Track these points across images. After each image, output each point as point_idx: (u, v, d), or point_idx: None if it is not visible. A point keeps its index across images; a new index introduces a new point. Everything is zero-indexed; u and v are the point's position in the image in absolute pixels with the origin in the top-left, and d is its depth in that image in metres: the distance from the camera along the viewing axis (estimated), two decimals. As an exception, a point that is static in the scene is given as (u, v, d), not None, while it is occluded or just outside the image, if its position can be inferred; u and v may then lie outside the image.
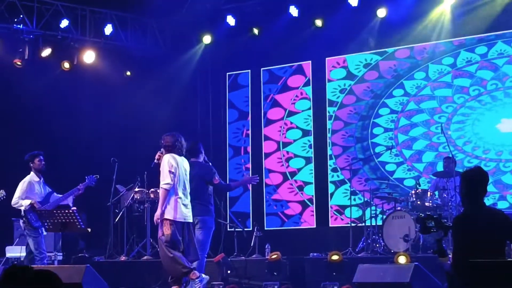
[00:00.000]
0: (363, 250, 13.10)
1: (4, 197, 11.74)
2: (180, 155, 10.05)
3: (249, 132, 16.61)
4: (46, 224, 10.36)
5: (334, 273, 11.95)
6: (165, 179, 9.82)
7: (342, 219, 15.10)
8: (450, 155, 12.94)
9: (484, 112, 14.41)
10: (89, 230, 10.84)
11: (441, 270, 6.46)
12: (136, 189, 14.77)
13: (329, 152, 15.69)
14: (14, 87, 15.34)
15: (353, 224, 13.78)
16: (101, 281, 9.24)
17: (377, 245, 12.90)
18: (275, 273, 12.35)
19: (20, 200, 11.01)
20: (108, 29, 15.65)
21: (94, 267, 10.45)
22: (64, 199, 11.55)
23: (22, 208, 10.89)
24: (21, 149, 16.13)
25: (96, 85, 16.04)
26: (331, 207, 15.44)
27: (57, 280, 4.43)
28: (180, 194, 9.88)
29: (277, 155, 16.22)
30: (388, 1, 14.76)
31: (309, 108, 16.04)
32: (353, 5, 14.79)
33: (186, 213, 9.96)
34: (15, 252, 13.35)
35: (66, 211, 9.93)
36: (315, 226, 15.63)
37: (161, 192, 9.88)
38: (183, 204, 9.91)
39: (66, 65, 15.69)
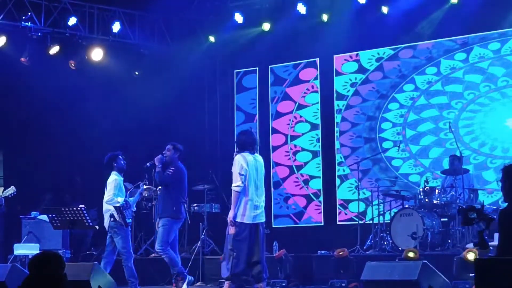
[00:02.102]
0: (371, 247, 13.11)
1: (15, 193, 11.77)
2: (252, 152, 10.04)
3: (257, 131, 16.55)
4: (54, 221, 10.37)
5: (341, 271, 11.95)
6: (235, 181, 9.92)
7: (346, 214, 15.06)
8: (458, 153, 12.91)
9: (489, 113, 14.36)
10: (97, 227, 10.84)
11: None
12: (144, 187, 14.78)
13: (337, 157, 15.67)
14: (22, 85, 15.37)
15: (360, 222, 13.78)
16: (109, 278, 9.25)
17: (385, 243, 12.90)
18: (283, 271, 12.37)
19: (115, 197, 11.05)
20: (116, 27, 15.66)
21: (102, 264, 10.48)
22: (135, 201, 11.67)
23: (118, 205, 10.94)
24: (27, 146, 16.24)
25: (104, 82, 16.05)
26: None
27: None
28: (250, 195, 9.91)
29: (285, 149, 16.20)
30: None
31: (317, 103, 16.01)
32: (361, 2, 14.80)
33: (256, 214, 9.98)
34: (23, 249, 13.39)
35: (74, 208, 9.95)
36: (322, 224, 15.61)
37: (232, 194, 9.97)
38: (254, 205, 9.93)
39: (73, 64, 15.70)
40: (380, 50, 15.48)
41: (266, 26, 15.86)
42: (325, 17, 15.36)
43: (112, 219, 10.87)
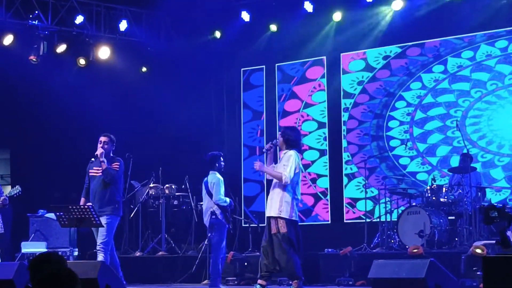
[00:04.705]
0: (378, 245, 13.09)
1: (20, 193, 11.78)
2: (300, 152, 9.98)
3: (264, 129, 16.54)
4: (62, 219, 10.37)
5: (347, 269, 12.00)
6: (290, 173, 9.65)
7: (354, 212, 14.99)
8: (465, 151, 12.89)
9: (497, 110, 14.33)
10: (104, 225, 10.83)
11: None
12: (151, 185, 14.82)
13: (344, 156, 15.64)
14: (29, 83, 15.40)
15: (368, 220, 13.77)
16: (116, 276, 9.25)
17: (392, 241, 12.89)
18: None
19: (223, 197, 11.14)
20: (123, 25, 15.70)
21: (110, 262, 10.49)
22: None
23: (225, 204, 11.04)
24: (34, 145, 16.27)
25: (111, 80, 16.08)
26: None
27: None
28: (298, 194, 9.85)
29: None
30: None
31: (324, 101, 15.98)
32: (368, 0, 14.79)
33: (298, 213, 9.96)
34: (30, 247, 13.41)
35: (82, 206, 9.95)
36: (329, 222, 15.59)
37: (278, 174, 9.70)
38: (297, 204, 9.89)
39: (82, 61, 15.76)
40: (387, 48, 15.45)
41: (273, 27, 15.87)
42: (333, 16, 15.34)
43: (213, 217, 11.08)
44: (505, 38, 14.36)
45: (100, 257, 10.18)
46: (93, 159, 10.77)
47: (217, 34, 16.41)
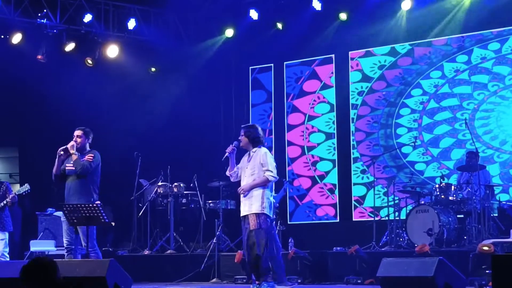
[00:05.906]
0: (386, 244, 13.07)
1: (29, 191, 11.80)
2: (264, 147, 10.02)
3: (272, 137, 16.43)
4: (70, 217, 10.40)
5: (354, 267, 12.01)
6: (273, 171, 9.78)
7: (377, 219, 14.96)
8: (474, 150, 12.86)
9: (505, 110, 14.30)
10: (113, 224, 10.85)
11: None
12: (160, 183, 14.82)
13: (352, 151, 15.62)
14: (37, 82, 15.41)
15: (376, 218, 13.74)
16: (125, 275, 9.24)
17: (401, 239, 12.86)
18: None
19: None
20: (131, 24, 15.70)
21: (118, 261, 10.47)
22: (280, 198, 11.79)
23: None
24: (42, 143, 16.28)
25: (119, 79, 16.09)
26: (365, 209, 15.28)
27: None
28: (273, 190, 9.86)
29: (303, 160, 16.16)
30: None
31: (328, 112, 15.95)
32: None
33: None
34: (39, 246, 13.43)
35: (90, 205, 9.95)
36: (338, 220, 15.57)
37: (263, 179, 9.75)
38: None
39: (90, 61, 15.77)
40: (381, 58, 15.43)
41: (279, 26, 15.87)
42: (341, 15, 15.33)
43: None
44: (497, 40, 14.42)
45: (94, 257, 10.06)
46: (62, 152, 10.58)
47: (227, 32, 16.38)
